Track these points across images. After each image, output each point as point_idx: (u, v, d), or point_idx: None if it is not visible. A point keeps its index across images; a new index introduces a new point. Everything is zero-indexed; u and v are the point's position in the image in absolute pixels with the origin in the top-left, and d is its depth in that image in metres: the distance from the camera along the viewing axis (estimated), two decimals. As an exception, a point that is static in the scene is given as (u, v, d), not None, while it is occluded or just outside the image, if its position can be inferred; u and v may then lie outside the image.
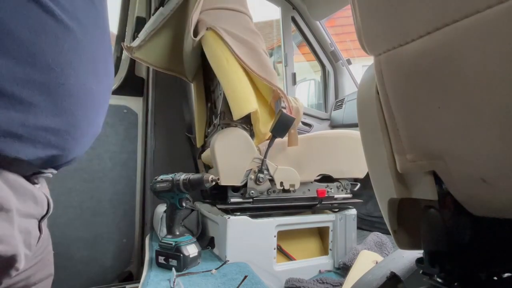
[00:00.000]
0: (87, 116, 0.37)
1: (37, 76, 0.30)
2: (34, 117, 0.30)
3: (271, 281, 0.96)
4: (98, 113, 0.39)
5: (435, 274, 0.39)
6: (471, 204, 0.34)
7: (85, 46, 0.35)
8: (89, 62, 0.36)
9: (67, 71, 0.33)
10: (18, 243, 0.32)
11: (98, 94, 0.38)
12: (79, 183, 1.34)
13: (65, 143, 0.35)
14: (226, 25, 1.02)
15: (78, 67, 0.34)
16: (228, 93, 0.96)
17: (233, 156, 0.97)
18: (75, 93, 0.34)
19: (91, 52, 0.36)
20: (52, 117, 0.32)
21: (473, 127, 0.28)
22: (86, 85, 0.35)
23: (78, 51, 0.34)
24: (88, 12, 0.36)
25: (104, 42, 0.39)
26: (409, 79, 0.32)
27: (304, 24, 1.92)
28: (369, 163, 0.44)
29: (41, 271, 0.42)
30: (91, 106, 0.37)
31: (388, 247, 1.08)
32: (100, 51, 0.38)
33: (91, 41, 0.36)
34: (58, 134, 0.34)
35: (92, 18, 0.37)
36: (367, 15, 0.34)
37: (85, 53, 0.35)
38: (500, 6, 0.22)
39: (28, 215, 0.34)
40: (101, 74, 0.39)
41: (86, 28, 0.35)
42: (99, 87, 0.38)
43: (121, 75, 1.48)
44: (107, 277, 1.38)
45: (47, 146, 0.33)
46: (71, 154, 0.37)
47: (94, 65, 0.37)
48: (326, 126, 1.94)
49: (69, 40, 0.33)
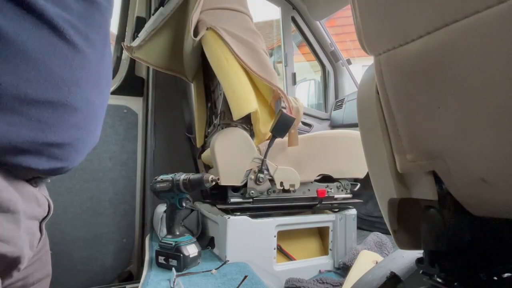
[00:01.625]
0: (89, 128, 0.38)
1: (46, 95, 0.31)
2: (42, 133, 0.32)
3: (271, 281, 0.96)
4: (97, 124, 0.41)
5: (435, 274, 0.39)
6: (471, 204, 0.34)
7: (92, 62, 0.36)
8: (94, 77, 0.37)
9: (74, 88, 0.34)
10: (24, 245, 0.33)
11: (99, 107, 0.39)
12: (79, 183, 1.34)
13: (69, 156, 0.36)
14: (226, 25, 1.02)
15: (85, 83, 0.35)
16: (228, 93, 0.95)
17: (233, 156, 0.97)
18: (80, 107, 0.35)
19: (97, 68, 0.38)
20: (58, 133, 0.33)
21: (473, 127, 0.28)
22: (89, 99, 0.37)
23: (85, 69, 0.35)
24: (99, 30, 0.37)
25: (107, 55, 0.41)
26: (409, 79, 0.32)
27: (304, 24, 1.92)
28: (369, 163, 0.44)
29: (39, 271, 0.43)
30: (93, 118, 0.38)
31: (388, 247, 1.08)
32: (104, 65, 0.39)
33: (98, 58, 0.37)
34: (63, 148, 0.35)
35: (102, 36, 0.38)
36: (367, 15, 0.34)
37: (92, 69, 0.36)
38: (500, 6, 0.22)
39: (32, 216, 0.35)
40: (103, 87, 0.40)
41: (95, 46, 0.36)
42: (100, 100, 0.39)
43: (121, 75, 1.48)
44: (107, 277, 1.38)
45: (52, 158, 0.34)
46: (72, 164, 0.38)
47: (99, 79, 0.38)
48: (326, 126, 1.94)
49: (77, 59, 0.34)
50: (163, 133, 1.56)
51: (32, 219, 0.35)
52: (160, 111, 1.53)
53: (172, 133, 1.60)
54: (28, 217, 0.34)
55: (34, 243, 0.37)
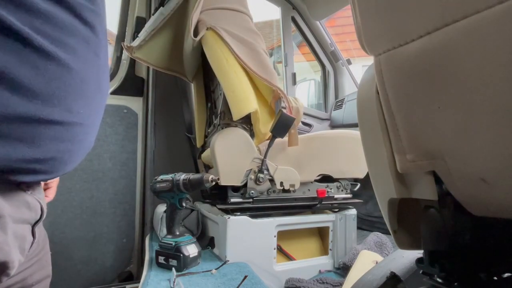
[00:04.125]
0: (76, 139, 0.36)
1: (17, 110, 0.29)
2: (16, 150, 0.30)
3: (271, 281, 0.96)
4: (86, 134, 0.38)
5: (435, 274, 0.39)
6: (471, 204, 0.34)
7: (72, 70, 0.33)
8: (78, 85, 0.34)
9: (50, 100, 0.31)
10: (12, 249, 0.32)
11: (86, 116, 0.36)
12: (79, 183, 1.34)
13: (54, 168, 0.35)
14: (226, 25, 1.02)
15: (64, 94, 0.32)
16: (228, 93, 0.95)
17: (233, 156, 0.97)
18: (60, 120, 0.33)
19: (81, 75, 0.34)
20: (35, 148, 0.31)
21: (473, 127, 0.28)
22: (72, 109, 0.34)
23: (64, 78, 0.32)
24: (75, 33, 0.33)
25: (94, 59, 0.37)
26: (409, 79, 0.32)
27: (304, 24, 1.92)
28: (369, 163, 0.44)
29: (38, 272, 0.42)
30: (80, 129, 0.36)
31: (388, 247, 1.08)
32: (91, 70, 0.36)
33: (81, 64, 0.34)
34: (45, 162, 0.33)
35: (82, 39, 0.34)
36: (367, 15, 0.34)
37: (73, 77, 0.33)
38: (500, 6, 0.22)
39: (21, 220, 0.34)
40: (91, 94, 0.36)
41: (75, 52, 0.33)
42: (88, 109, 0.36)
43: (121, 75, 1.48)
44: (107, 277, 1.38)
45: (35, 173, 0.33)
46: (63, 173, 0.37)
47: (84, 87, 0.35)
48: (326, 126, 1.94)
49: (51, 68, 0.31)
50: (163, 133, 1.56)
51: (21, 223, 0.34)
52: (160, 111, 1.53)
53: (172, 133, 1.60)
54: (16, 221, 0.33)
55: (25, 247, 0.36)
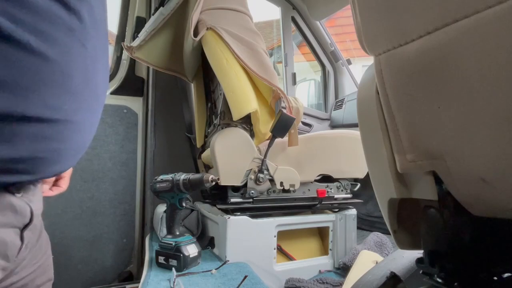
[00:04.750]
0: (64, 137, 0.34)
1: None
2: None
3: (271, 281, 0.96)
4: (77, 131, 0.35)
5: (435, 274, 0.39)
6: (471, 204, 0.34)
7: (53, 63, 0.30)
8: (59, 80, 0.31)
9: (26, 95, 0.29)
10: None
11: (73, 113, 0.34)
12: (79, 183, 1.34)
13: (42, 168, 0.33)
14: (226, 25, 1.02)
15: (44, 88, 0.30)
16: (228, 93, 0.95)
17: (233, 156, 0.97)
18: (42, 116, 0.31)
19: (64, 68, 0.32)
20: (15, 147, 0.29)
21: (473, 127, 0.28)
22: (54, 105, 0.31)
23: (42, 71, 0.30)
24: (57, 21, 0.30)
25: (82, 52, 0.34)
26: (409, 79, 0.32)
27: (304, 24, 1.92)
28: (369, 163, 0.44)
29: (40, 276, 0.41)
30: (68, 126, 0.34)
31: (388, 247, 1.08)
32: (77, 64, 0.33)
33: (64, 56, 0.32)
34: (29, 162, 0.31)
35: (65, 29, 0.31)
36: (367, 15, 0.34)
37: (54, 71, 0.31)
38: (500, 6, 0.22)
39: (3, 224, 0.33)
40: (79, 89, 0.34)
41: (56, 43, 0.30)
42: (75, 105, 0.34)
43: (121, 75, 1.48)
44: (107, 277, 1.38)
45: (20, 173, 0.31)
46: (49, 173, 0.35)
47: (68, 82, 0.32)
48: (326, 126, 1.94)
49: (27, 61, 0.28)
50: (163, 133, 1.56)
51: (4, 227, 0.32)
52: (160, 111, 1.53)
53: (172, 133, 1.60)
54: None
55: (11, 253, 0.33)
